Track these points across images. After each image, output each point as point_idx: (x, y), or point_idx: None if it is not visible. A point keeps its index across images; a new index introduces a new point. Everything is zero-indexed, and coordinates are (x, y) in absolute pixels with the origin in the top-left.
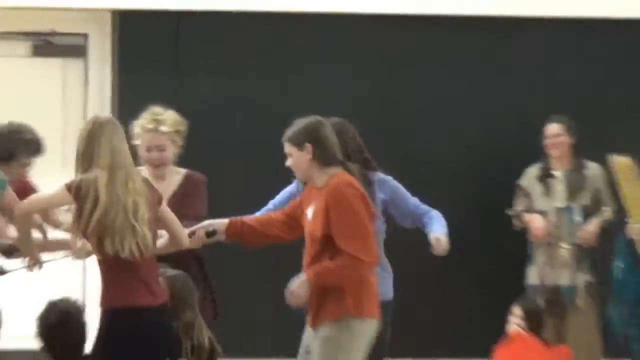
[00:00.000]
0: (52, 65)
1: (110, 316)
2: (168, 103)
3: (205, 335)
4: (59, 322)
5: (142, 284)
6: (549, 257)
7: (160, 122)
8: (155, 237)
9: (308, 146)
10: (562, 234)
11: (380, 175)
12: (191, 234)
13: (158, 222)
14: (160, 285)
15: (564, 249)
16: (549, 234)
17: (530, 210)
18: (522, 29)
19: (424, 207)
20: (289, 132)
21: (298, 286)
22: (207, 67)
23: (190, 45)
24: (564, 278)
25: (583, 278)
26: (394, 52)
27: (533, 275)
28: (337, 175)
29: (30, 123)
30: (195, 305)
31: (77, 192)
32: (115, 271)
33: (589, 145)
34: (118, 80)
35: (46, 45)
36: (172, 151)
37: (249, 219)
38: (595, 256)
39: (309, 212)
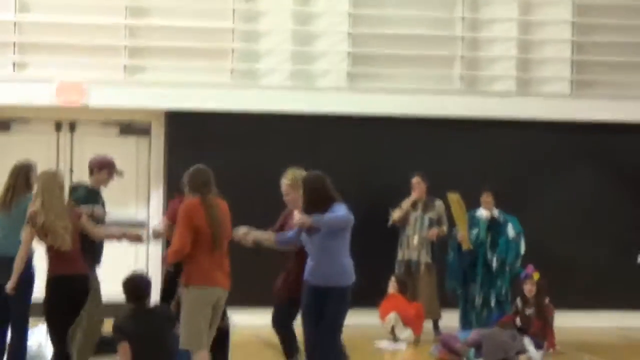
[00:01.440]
0: (130, 141)
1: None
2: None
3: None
4: (139, 278)
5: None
6: (407, 244)
7: None
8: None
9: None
10: (415, 231)
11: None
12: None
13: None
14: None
15: (415, 239)
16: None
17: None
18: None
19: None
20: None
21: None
22: (218, 148)
23: (209, 134)
24: (414, 257)
25: (425, 258)
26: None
27: (400, 255)
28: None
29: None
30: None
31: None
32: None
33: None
34: (168, 150)
35: (127, 128)
36: None
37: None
38: (434, 247)
39: None
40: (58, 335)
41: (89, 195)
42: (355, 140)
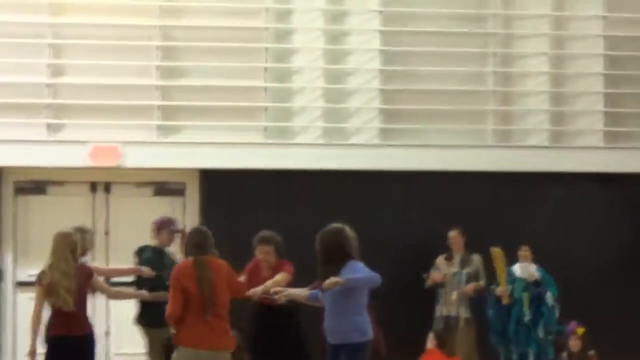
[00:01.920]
0: (164, 201)
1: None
2: (229, 226)
3: None
4: None
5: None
6: (445, 300)
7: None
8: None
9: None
10: (454, 287)
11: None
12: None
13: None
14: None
15: (454, 295)
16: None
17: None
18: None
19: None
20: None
21: None
22: (252, 206)
23: (243, 192)
24: (453, 312)
25: (464, 313)
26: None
27: (438, 311)
28: None
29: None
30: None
31: None
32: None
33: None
34: (202, 210)
35: (161, 189)
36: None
37: None
38: (472, 301)
39: None
40: None
41: (154, 256)
42: (389, 195)
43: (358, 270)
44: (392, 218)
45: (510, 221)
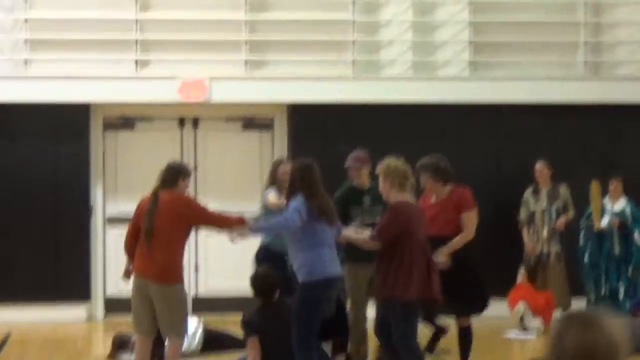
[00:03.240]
0: (253, 136)
1: None
2: (317, 160)
3: None
4: (266, 274)
5: None
6: (536, 236)
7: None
8: None
9: None
10: (544, 223)
11: None
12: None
13: None
14: None
15: (545, 232)
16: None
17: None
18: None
19: None
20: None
21: None
22: (340, 139)
23: (331, 126)
24: (544, 247)
25: (554, 248)
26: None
27: (527, 247)
28: None
29: (242, 166)
30: None
31: None
32: None
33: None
34: (291, 144)
35: (249, 123)
36: None
37: None
38: (563, 235)
39: None
40: None
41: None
42: (478, 128)
43: (288, 209)
44: (482, 152)
45: (601, 154)
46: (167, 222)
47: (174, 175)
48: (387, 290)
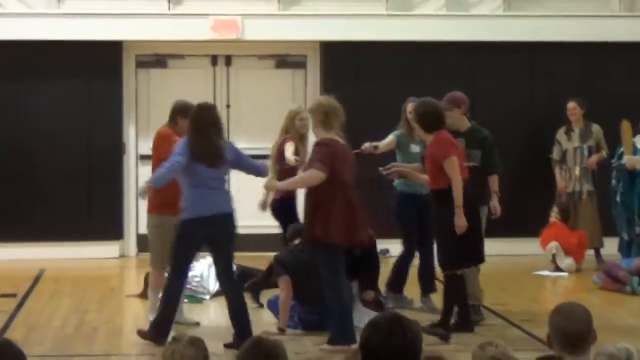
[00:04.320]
0: (286, 74)
1: None
2: (346, 97)
3: None
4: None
5: None
6: (568, 175)
7: None
8: None
9: None
10: (576, 162)
11: None
12: None
13: None
14: None
15: (577, 170)
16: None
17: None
18: None
19: None
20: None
21: None
22: (373, 78)
23: (364, 64)
24: (576, 186)
25: (587, 187)
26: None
27: (559, 186)
28: None
29: (275, 104)
30: None
31: None
32: None
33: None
34: (324, 82)
35: (283, 62)
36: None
37: None
38: (595, 174)
39: None
40: None
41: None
42: (512, 67)
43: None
44: (515, 91)
45: (634, 95)
46: (152, 156)
47: (172, 113)
48: (309, 233)
